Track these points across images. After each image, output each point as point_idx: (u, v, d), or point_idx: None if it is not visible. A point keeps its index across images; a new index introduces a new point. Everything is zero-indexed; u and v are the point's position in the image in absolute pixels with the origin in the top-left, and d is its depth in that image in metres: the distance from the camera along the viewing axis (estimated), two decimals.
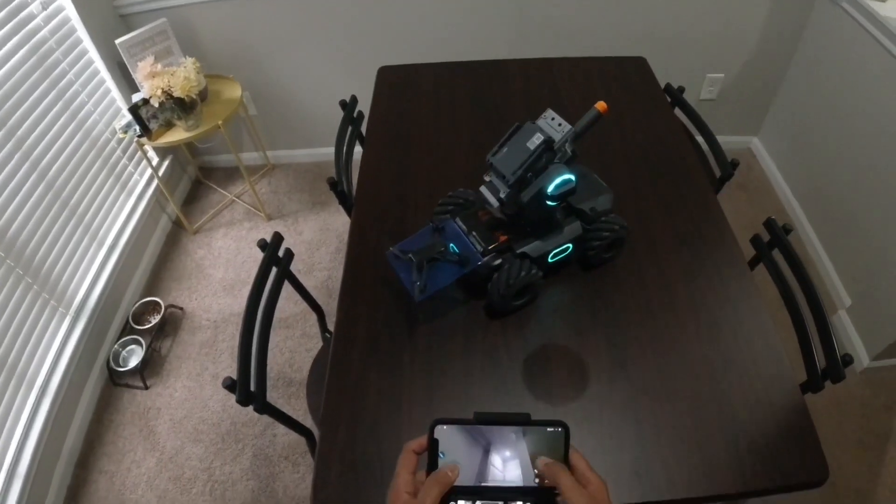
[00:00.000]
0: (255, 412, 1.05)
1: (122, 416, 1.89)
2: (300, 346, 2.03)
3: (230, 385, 1.00)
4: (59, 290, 1.84)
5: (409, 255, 1.02)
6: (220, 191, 2.66)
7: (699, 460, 0.87)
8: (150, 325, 2.08)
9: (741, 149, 2.68)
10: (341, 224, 2.45)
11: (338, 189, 1.39)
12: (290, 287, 1.34)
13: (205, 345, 2.06)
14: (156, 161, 2.42)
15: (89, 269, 2.00)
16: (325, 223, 2.47)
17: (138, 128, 2.02)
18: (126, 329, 2.10)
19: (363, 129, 1.59)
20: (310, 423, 1.32)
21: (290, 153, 2.77)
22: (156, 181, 2.36)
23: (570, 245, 1.07)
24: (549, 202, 0.96)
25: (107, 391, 1.96)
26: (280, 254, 1.27)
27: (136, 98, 2.02)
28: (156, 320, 2.08)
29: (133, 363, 1.96)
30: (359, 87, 1.81)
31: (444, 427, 0.52)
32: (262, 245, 1.24)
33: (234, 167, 2.76)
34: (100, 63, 2.09)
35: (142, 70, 1.95)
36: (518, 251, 1.02)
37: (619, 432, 0.91)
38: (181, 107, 1.98)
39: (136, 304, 2.13)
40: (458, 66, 1.73)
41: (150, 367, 2.00)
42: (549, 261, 1.07)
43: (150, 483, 1.72)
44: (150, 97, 1.92)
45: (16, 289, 1.65)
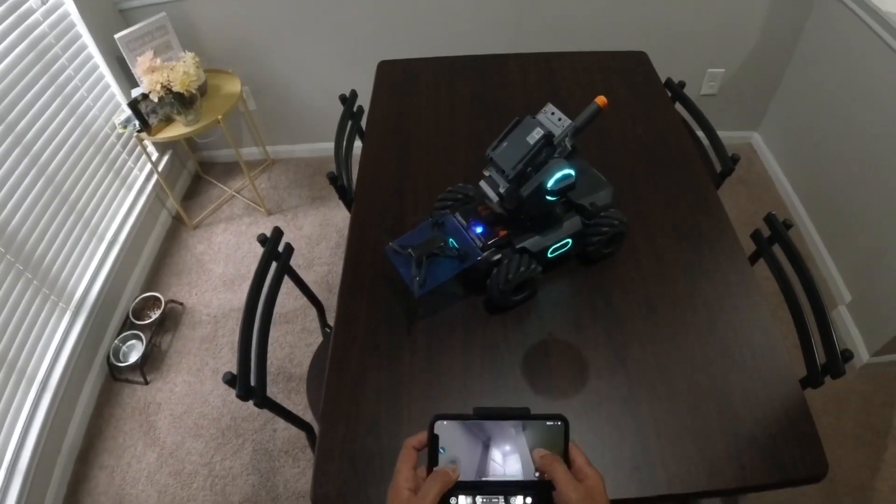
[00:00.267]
0: (255, 407, 1.05)
1: (123, 412, 1.89)
2: (300, 341, 2.03)
3: (230, 380, 1.01)
4: (59, 285, 1.84)
5: (409, 250, 1.02)
6: (220, 186, 2.66)
7: (698, 455, 0.87)
8: (151, 321, 2.08)
9: (742, 144, 2.67)
10: (341, 219, 2.44)
11: (338, 184, 1.39)
12: (290, 282, 1.34)
13: (205, 340, 2.06)
14: (155, 156, 2.42)
15: (89, 265, 2.01)
16: (324, 218, 2.46)
17: (138, 123, 2.01)
18: (126, 324, 2.10)
19: (363, 123, 1.59)
20: (310, 417, 1.32)
21: (289, 148, 2.76)
22: (155, 176, 2.36)
23: (570, 240, 1.07)
24: (548, 197, 0.96)
25: (107, 386, 1.97)
26: (280, 249, 1.27)
27: (135, 93, 2.02)
28: (156, 315, 2.09)
29: (133, 358, 1.96)
30: (358, 81, 1.81)
31: (444, 422, 0.52)
32: (261, 240, 1.24)
33: (233, 162, 2.76)
34: (99, 58, 2.08)
35: (141, 65, 1.95)
36: (518, 246, 1.02)
37: (618, 427, 0.91)
38: (181, 102, 1.98)
39: (137, 300, 2.13)
40: (458, 60, 1.73)
41: (150, 363, 2.01)
42: (549, 256, 1.07)
43: (150, 478, 1.73)
44: (150, 92, 1.92)
45: (16, 284, 1.65)
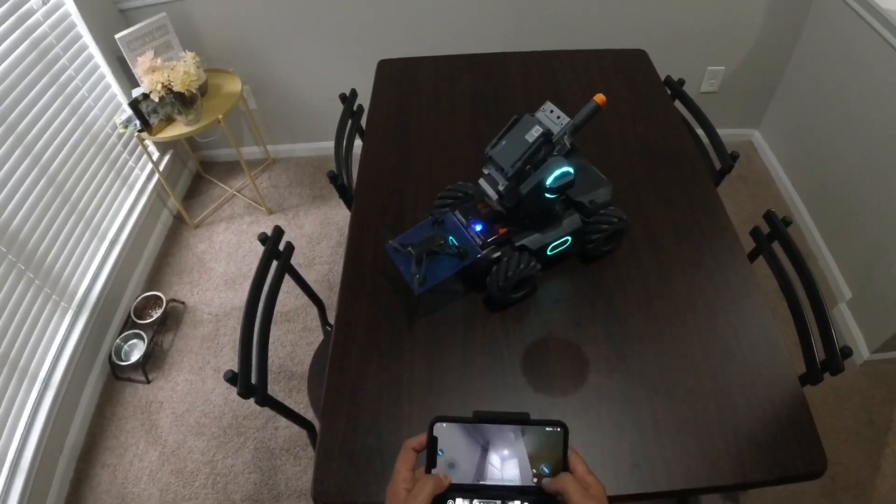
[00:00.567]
0: (256, 405, 1.06)
1: (125, 410, 1.90)
2: (301, 340, 2.03)
3: (231, 377, 1.01)
4: (60, 284, 1.84)
5: (409, 247, 1.02)
6: (221, 185, 2.66)
7: (697, 451, 0.87)
8: (152, 320, 2.08)
9: (742, 142, 2.67)
10: (342, 218, 2.45)
11: (338, 183, 1.40)
12: (291, 281, 1.34)
13: (206, 339, 2.07)
14: (156, 156, 2.42)
15: (91, 264, 2.01)
16: (325, 217, 2.47)
17: (138, 122, 2.02)
18: (128, 323, 2.11)
19: (363, 122, 1.59)
20: (311, 416, 1.32)
21: (290, 147, 2.77)
22: (156, 176, 2.37)
23: (570, 238, 1.07)
24: (547, 195, 0.96)
25: (109, 385, 1.97)
26: (281, 247, 1.27)
27: (136, 93, 2.02)
28: (157, 314, 2.09)
29: (135, 357, 1.97)
30: (358, 80, 1.81)
31: (444, 425, 0.53)
32: (262, 239, 1.24)
33: (234, 161, 2.77)
34: (100, 58, 2.09)
35: (141, 65, 1.95)
36: (517, 244, 1.02)
37: (617, 424, 0.91)
38: (181, 101, 1.98)
39: (138, 299, 2.14)
40: (457, 59, 1.73)
41: (151, 361, 2.01)
42: (549, 253, 1.07)
43: (152, 476, 1.73)
44: (151, 92, 1.92)
45: (18, 284, 1.66)
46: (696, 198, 1.27)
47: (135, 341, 2.03)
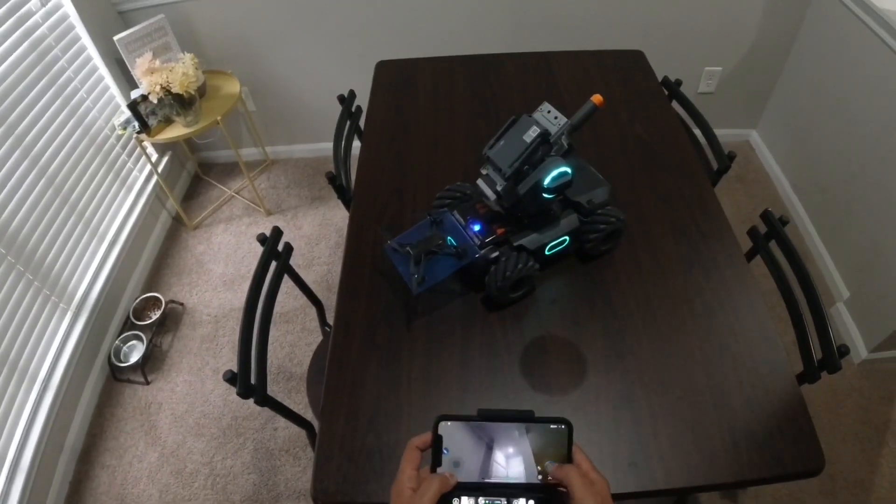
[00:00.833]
0: (255, 406, 1.06)
1: (124, 411, 1.90)
2: (300, 341, 2.04)
3: (231, 378, 1.01)
4: (60, 286, 1.85)
5: (408, 248, 1.02)
6: (220, 186, 2.66)
7: (695, 450, 0.88)
8: (151, 321, 2.08)
9: (740, 142, 2.68)
10: (340, 218, 2.45)
11: (336, 183, 1.40)
12: (290, 281, 1.34)
13: (205, 340, 2.07)
14: (155, 157, 2.42)
15: (90, 265, 2.01)
16: (324, 218, 2.47)
17: (137, 124, 2.02)
18: (127, 324, 2.11)
19: (361, 123, 1.59)
20: (310, 416, 1.33)
21: (288, 148, 2.77)
22: (155, 177, 2.37)
23: (567, 237, 1.08)
24: (545, 195, 0.97)
25: (108, 386, 1.97)
26: (279, 248, 1.27)
27: (134, 94, 2.02)
28: (156, 316, 2.09)
29: (134, 358, 1.97)
30: (357, 81, 1.81)
31: (448, 423, 0.53)
32: (261, 240, 1.24)
33: (233, 163, 2.77)
34: (98, 60, 2.09)
35: (140, 66, 1.96)
36: (515, 244, 1.02)
37: (615, 422, 0.91)
38: (180, 103, 1.98)
39: (137, 300, 2.14)
40: (455, 60, 1.74)
41: (151, 363, 2.01)
42: (547, 253, 1.07)
43: (151, 477, 1.73)
44: (149, 93, 1.93)
45: (17, 285, 1.66)
46: (694, 198, 1.27)
47: (134, 342, 2.03)
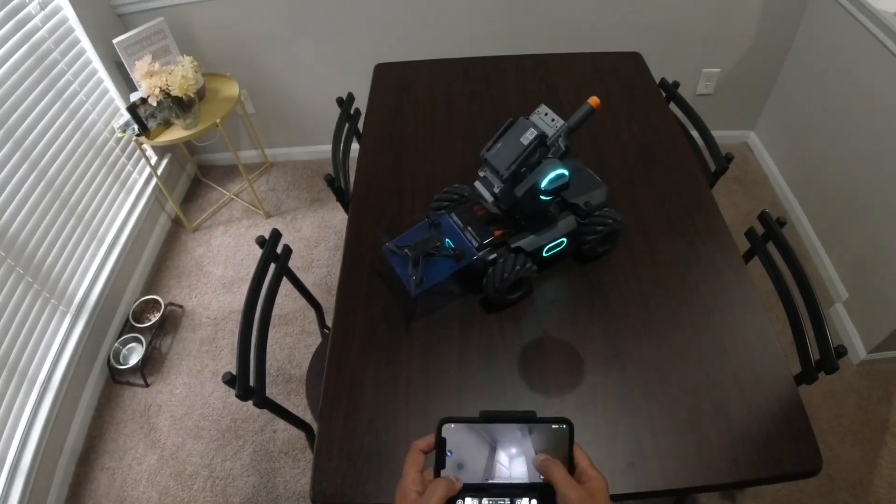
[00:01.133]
0: (255, 408, 1.06)
1: (123, 414, 1.90)
2: (299, 343, 2.04)
3: (230, 380, 1.01)
4: (59, 288, 1.85)
5: (406, 249, 1.03)
6: (219, 189, 2.67)
7: (693, 450, 0.88)
8: (151, 323, 2.09)
9: (738, 143, 2.68)
10: (339, 221, 2.45)
11: (335, 186, 1.40)
12: (289, 284, 1.35)
13: (205, 342, 2.07)
14: (154, 160, 2.43)
15: (89, 268, 2.01)
16: (323, 220, 2.47)
17: (136, 127, 2.02)
18: (126, 327, 2.11)
19: (360, 126, 1.60)
20: (309, 418, 1.33)
21: (287, 151, 2.77)
22: (154, 180, 2.37)
23: (565, 239, 1.08)
24: (543, 197, 0.97)
25: (108, 389, 1.97)
26: (279, 250, 1.28)
27: (134, 97, 2.03)
28: (156, 318, 2.09)
29: (133, 361, 1.97)
30: (356, 84, 1.82)
31: (452, 426, 0.53)
32: (260, 242, 1.25)
33: (232, 165, 2.77)
34: (98, 62, 2.09)
35: (139, 69, 1.96)
36: (513, 245, 1.03)
37: (613, 423, 0.92)
38: (179, 105, 1.99)
39: (136, 303, 2.14)
40: (453, 62, 1.74)
41: (150, 365, 2.01)
42: (544, 255, 1.08)
43: (151, 479, 1.73)
44: (148, 96, 1.93)
45: (16, 288, 1.66)
46: (691, 199, 1.27)
47: (133, 345, 2.04)
